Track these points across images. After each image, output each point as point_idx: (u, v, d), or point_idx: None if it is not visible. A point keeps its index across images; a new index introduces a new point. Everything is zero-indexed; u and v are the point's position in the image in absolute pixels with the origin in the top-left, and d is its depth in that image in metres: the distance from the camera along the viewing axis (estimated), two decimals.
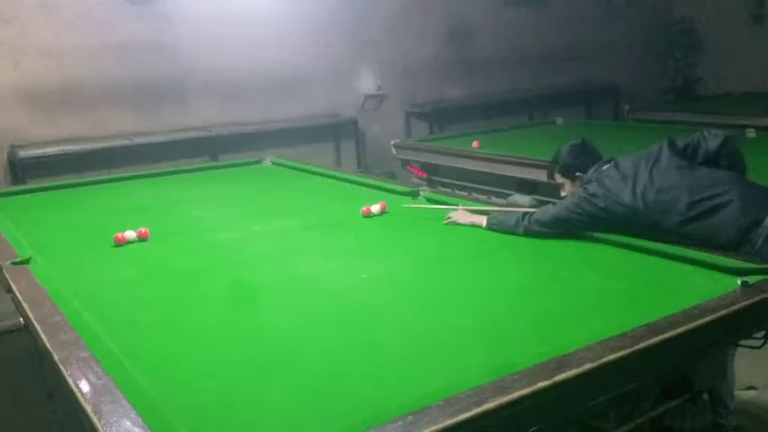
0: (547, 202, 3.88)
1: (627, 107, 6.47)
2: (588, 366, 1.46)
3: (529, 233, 2.55)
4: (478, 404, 1.31)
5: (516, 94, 7.48)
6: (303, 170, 4.23)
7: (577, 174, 2.66)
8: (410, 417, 1.28)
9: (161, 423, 1.31)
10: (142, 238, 2.71)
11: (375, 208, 3.01)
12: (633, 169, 2.47)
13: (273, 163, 4.49)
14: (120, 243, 2.65)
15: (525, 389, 1.37)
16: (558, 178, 2.76)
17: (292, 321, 1.93)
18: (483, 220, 2.71)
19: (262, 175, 4.25)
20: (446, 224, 2.81)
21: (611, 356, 1.50)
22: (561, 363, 1.47)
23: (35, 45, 5.04)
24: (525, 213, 2.62)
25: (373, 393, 1.48)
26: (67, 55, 5.15)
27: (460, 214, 2.82)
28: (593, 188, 2.48)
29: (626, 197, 2.41)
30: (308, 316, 1.97)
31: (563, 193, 2.74)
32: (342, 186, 3.78)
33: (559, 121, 5.90)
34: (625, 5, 8.37)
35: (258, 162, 4.53)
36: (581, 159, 2.67)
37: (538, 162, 3.88)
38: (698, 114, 5.58)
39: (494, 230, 2.66)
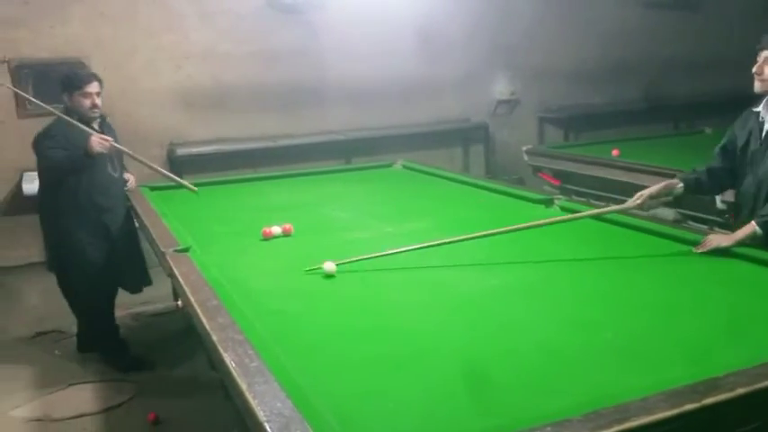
0: (693, 217, 3.68)
1: None
2: (741, 391, 1.39)
3: None
4: (621, 422, 1.28)
5: (660, 102, 7.08)
6: (433, 174, 4.28)
7: None
8: (549, 428, 1.27)
9: (307, 407, 1.39)
10: (287, 234, 2.87)
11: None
12: None
13: (404, 166, 4.58)
14: (268, 237, 2.83)
15: (671, 410, 1.32)
16: None
17: (423, 322, 1.97)
18: (751, 229, 2.37)
19: (393, 178, 4.35)
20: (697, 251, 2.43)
21: (767, 383, 1.41)
22: (711, 386, 1.40)
23: (194, 51, 5.49)
24: None
25: (508, 401, 1.48)
26: (222, 61, 5.56)
27: (719, 238, 2.46)
28: None
29: None
30: (439, 318, 2.00)
31: (754, 69, 2.51)
32: (471, 191, 3.79)
33: (708, 130, 5.53)
34: None
35: (390, 165, 4.64)
36: None
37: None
38: None
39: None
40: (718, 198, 3.42)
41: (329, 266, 2.40)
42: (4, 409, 3.18)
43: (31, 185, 4.75)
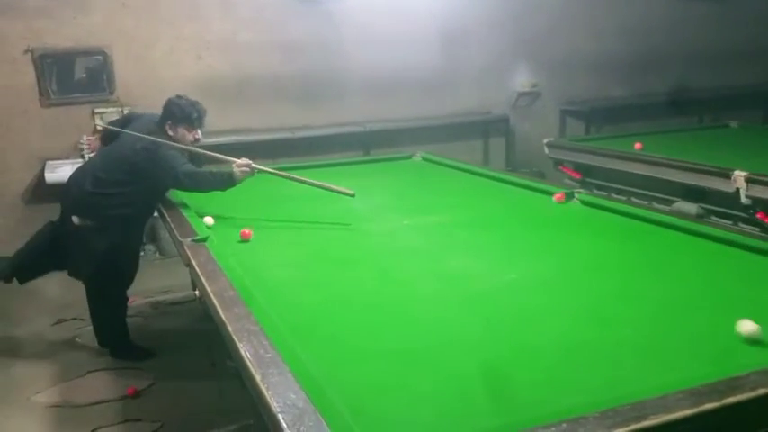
0: (716, 212, 3.62)
1: None
2: (762, 391, 1.36)
3: None
4: (638, 420, 1.26)
5: (685, 95, 6.96)
6: (452, 167, 4.25)
7: None
8: (564, 425, 1.26)
9: (321, 399, 1.39)
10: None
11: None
12: None
13: (423, 159, 4.55)
14: (246, 239, 2.68)
15: (690, 409, 1.30)
16: None
17: (440, 316, 1.96)
18: None
19: (412, 170, 4.33)
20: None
21: None
22: (732, 385, 1.37)
23: (214, 41, 5.49)
24: None
25: (524, 396, 1.47)
26: (242, 51, 5.56)
27: None
28: None
29: None
30: (456, 312, 1.98)
31: None
32: (490, 184, 3.76)
33: (733, 124, 5.43)
34: None
35: (409, 157, 4.62)
36: None
37: (708, 168, 3.61)
38: None
39: None
40: (742, 193, 3.36)
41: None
42: (26, 394, 3.23)
43: (53, 174, 4.82)
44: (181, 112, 3.25)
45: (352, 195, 3.17)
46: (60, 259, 3.49)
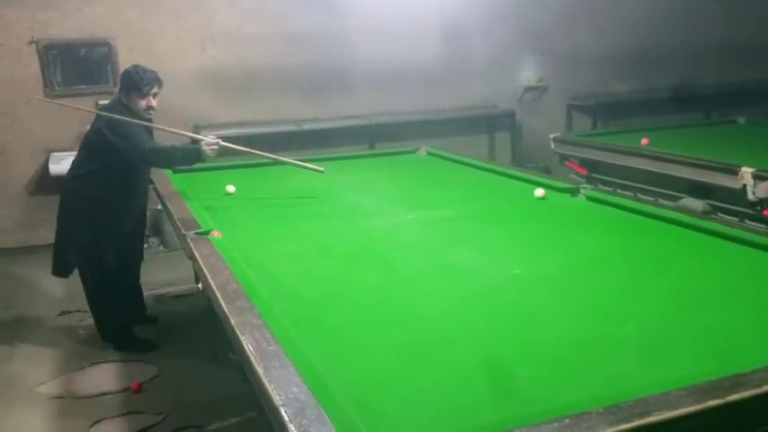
0: (722, 208, 3.60)
1: None
2: (767, 388, 1.35)
3: None
4: (642, 416, 1.25)
5: (693, 90, 6.92)
6: (457, 161, 4.24)
7: None
8: (567, 420, 1.25)
9: (323, 392, 1.39)
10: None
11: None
12: None
13: (428, 153, 4.54)
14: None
15: (694, 406, 1.29)
16: None
17: (444, 311, 1.95)
18: None
19: (417, 165, 4.32)
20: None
21: None
22: (736, 382, 1.36)
23: (219, 32, 5.49)
24: None
25: (527, 392, 1.46)
26: (247, 43, 5.56)
27: None
28: None
29: None
30: (460, 307, 1.98)
31: None
32: (496, 179, 3.75)
33: (741, 120, 5.40)
34: None
35: (414, 151, 4.60)
36: None
37: (714, 164, 3.59)
38: None
39: None
40: (749, 189, 3.34)
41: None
42: (29, 385, 3.24)
43: (58, 166, 4.83)
44: (129, 80, 3.31)
45: (322, 171, 3.37)
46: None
